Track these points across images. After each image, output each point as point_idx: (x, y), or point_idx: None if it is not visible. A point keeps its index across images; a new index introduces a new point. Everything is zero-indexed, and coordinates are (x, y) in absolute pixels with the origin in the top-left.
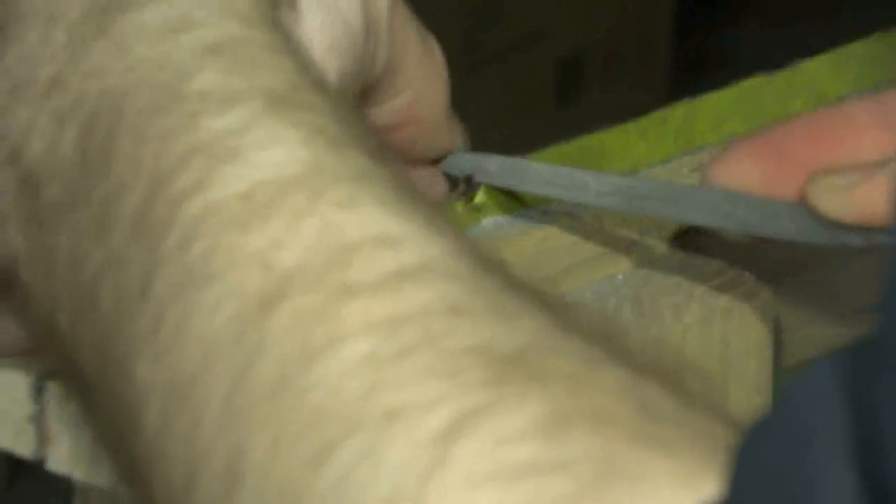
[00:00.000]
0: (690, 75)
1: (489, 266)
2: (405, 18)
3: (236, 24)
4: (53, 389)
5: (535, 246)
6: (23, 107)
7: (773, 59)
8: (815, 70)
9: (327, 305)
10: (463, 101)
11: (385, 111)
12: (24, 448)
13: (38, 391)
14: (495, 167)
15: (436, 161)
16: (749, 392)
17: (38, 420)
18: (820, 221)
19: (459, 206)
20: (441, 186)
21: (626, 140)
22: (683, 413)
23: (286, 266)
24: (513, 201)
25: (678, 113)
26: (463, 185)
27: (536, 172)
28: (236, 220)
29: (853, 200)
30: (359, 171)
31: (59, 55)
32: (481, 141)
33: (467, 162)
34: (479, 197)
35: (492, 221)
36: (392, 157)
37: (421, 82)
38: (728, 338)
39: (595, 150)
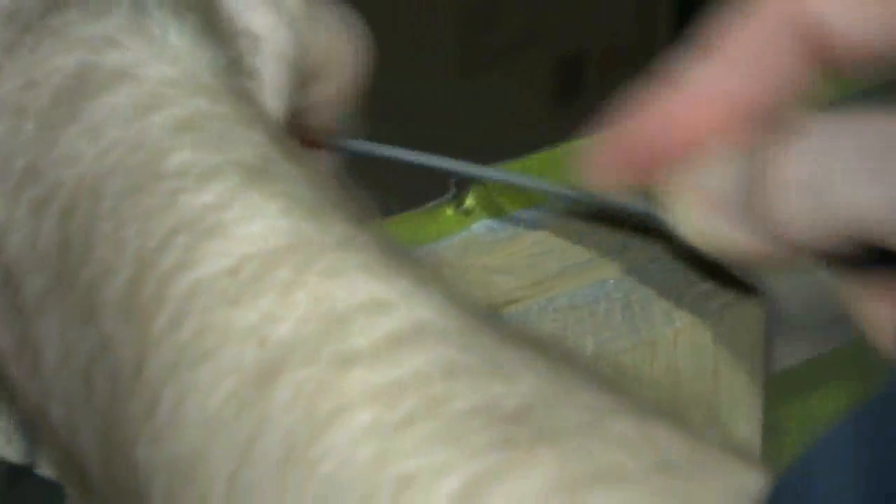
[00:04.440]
0: None
1: (483, 320)
2: (316, 14)
3: (204, 100)
4: None
5: (526, 250)
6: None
7: None
8: None
9: (327, 376)
10: (462, 102)
11: (300, 95)
12: (14, 453)
13: None
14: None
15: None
16: (740, 396)
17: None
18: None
19: (449, 210)
20: (329, 164)
21: None
22: (697, 457)
23: (282, 339)
24: (502, 205)
25: None
26: (453, 189)
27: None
28: (226, 296)
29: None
30: (341, 239)
31: (31, 145)
32: (481, 142)
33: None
34: (469, 201)
35: (481, 225)
36: (370, 219)
37: (334, 66)
38: (719, 342)
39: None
